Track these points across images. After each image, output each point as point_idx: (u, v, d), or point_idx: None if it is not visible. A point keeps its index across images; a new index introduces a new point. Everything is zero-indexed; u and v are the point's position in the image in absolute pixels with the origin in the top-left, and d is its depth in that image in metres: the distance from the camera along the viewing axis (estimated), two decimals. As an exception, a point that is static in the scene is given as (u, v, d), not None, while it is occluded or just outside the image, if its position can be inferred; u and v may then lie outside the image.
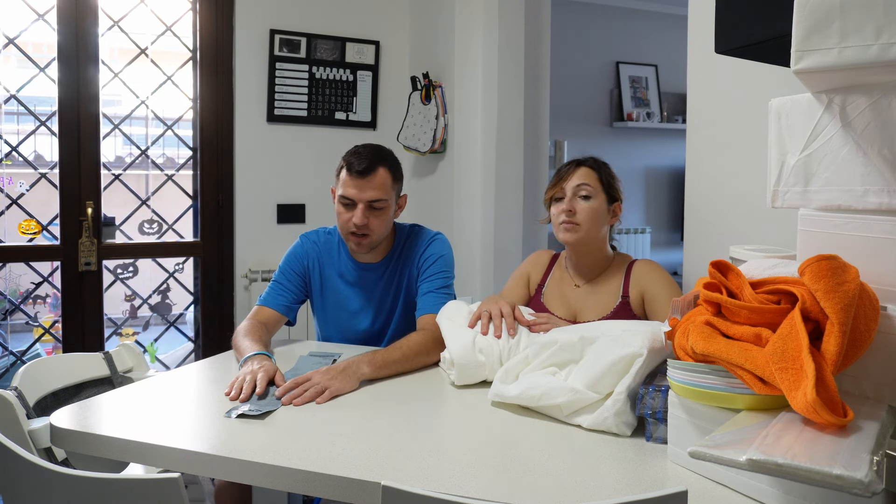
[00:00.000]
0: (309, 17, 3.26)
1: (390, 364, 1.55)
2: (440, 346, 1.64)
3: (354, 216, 1.74)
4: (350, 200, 1.75)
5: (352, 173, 1.74)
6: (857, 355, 0.91)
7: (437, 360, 1.66)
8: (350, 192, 1.74)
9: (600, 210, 1.72)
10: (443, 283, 1.84)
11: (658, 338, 1.24)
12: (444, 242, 1.93)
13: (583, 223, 1.70)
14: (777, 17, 1.03)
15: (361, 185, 1.74)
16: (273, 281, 1.90)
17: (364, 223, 1.74)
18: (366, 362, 1.51)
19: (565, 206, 1.70)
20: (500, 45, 2.82)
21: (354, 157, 1.76)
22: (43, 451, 1.41)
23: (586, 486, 1.01)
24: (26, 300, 3.33)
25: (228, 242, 3.20)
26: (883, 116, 0.95)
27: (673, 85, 4.69)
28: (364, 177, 1.74)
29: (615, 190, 1.76)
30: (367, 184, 1.74)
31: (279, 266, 1.92)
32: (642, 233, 4.62)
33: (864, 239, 0.99)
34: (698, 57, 1.89)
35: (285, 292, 1.87)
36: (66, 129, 2.88)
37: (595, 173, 1.73)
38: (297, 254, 1.93)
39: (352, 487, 1.04)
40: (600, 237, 1.75)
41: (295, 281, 1.89)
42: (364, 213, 1.74)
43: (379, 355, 1.54)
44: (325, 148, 3.31)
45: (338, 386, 1.41)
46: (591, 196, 1.71)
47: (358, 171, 1.73)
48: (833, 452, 0.77)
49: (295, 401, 1.35)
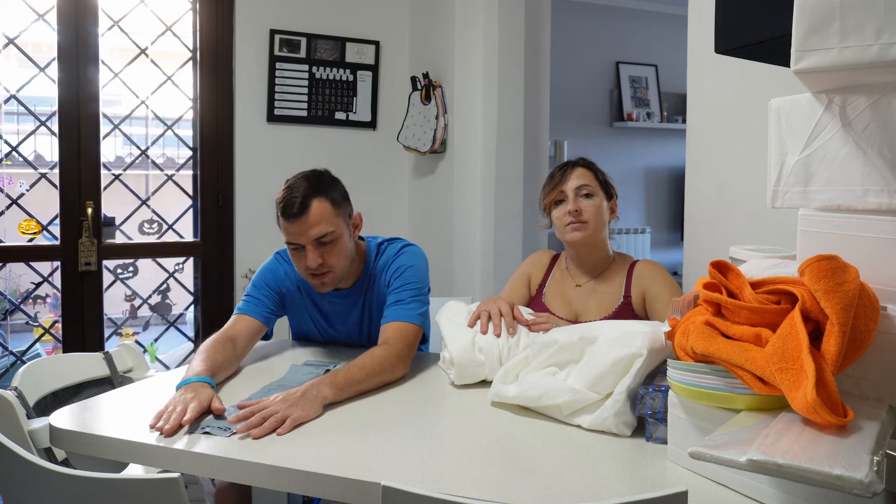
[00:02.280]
0: (309, 17, 3.26)
1: (353, 385, 1.44)
2: (404, 362, 1.58)
3: (307, 259, 1.62)
4: (296, 244, 1.63)
5: (287, 217, 1.61)
6: (857, 355, 0.91)
7: (401, 375, 1.58)
8: (293, 237, 1.62)
9: (603, 207, 1.75)
10: (411, 294, 1.71)
11: (658, 338, 1.24)
12: (415, 253, 1.81)
13: (590, 221, 1.72)
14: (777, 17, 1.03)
15: (300, 226, 1.60)
16: (247, 295, 1.79)
17: (319, 262, 1.62)
18: (327, 384, 1.39)
19: (570, 206, 1.71)
20: (500, 45, 2.82)
21: (285, 198, 1.62)
22: (43, 451, 1.41)
23: (586, 486, 1.01)
24: (26, 300, 3.33)
25: (228, 242, 3.20)
26: (883, 116, 0.94)
27: (673, 85, 4.69)
28: (300, 217, 1.59)
29: (610, 187, 1.81)
30: (306, 223, 1.60)
31: (253, 280, 1.82)
32: (642, 233, 4.62)
33: (864, 239, 0.99)
34: (698, 57, 1.89)
35: (261, 305, 1.77)
36: (66, 129, 2.88)
37: (591, 172, 1.77)
38: (271, 269, 1.83)
39: (352, 487, 1.04)
40: (603, 234, 1.77)
41: (270, 296, 1.79)
42: (315, 254, 1.62)
43: (341, 376, 1.43)
44: (325, 148, 3.31)
45: (299, 414, 1.27)
46: (593, 194, 1.74)
47: (293, 214, 1.59)
48: (833, 453, 0.77)
49: (252, 432, 1.21)
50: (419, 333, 1.68)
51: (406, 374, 1.60)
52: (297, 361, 1.73)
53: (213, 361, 1.51)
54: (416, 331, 1.66)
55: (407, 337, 1.63)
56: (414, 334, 1.65)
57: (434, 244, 3.10)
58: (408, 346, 1.62)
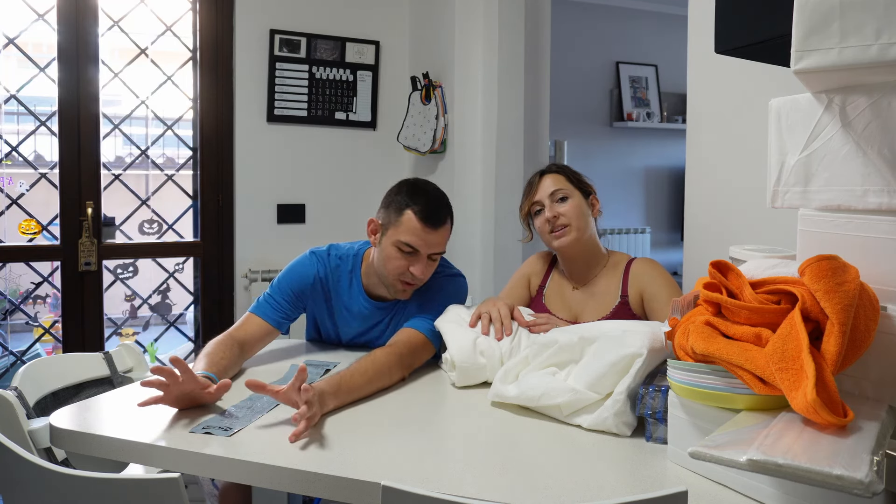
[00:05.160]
0: (309, 17, 3.26)
1: (354, 391, 1.40)
2: (401, 366, 1.55)
3: (415, 267, 1.61)
4: (414, 249, 1.61)
5: (426, 223, 1.59)
6: (857, 355, 0.91)
7: (398, 379, 1.55)
8: (417, 242, 1.60)
9: (582, 206, 1.73)
10: (435, 314, 1.69)
11: (658, 338, 1.24)
12: (459, 284, 1.80)
13: (571, 223, 1.70)
14: (777, 17, 1.03)
15: (434, 236, 1.61)
16: (268, 294, 1.74)
17: (425, 274, 1.63)
18: (331, 395, 1.33)
19: (548, 214, 1.71)
20: (500, 45, 2.81)
21: (424, 203, 1.61)
22: (43, 451, 1.41)
23: (586, 486, 1.01)
24: (26, 300, 3.33)
25: (228, 242, 3.20)
26: (883, 116, 0.94)
27: (673, 85, 4.69)
28: (438, 228, 1.61)
29: (585, 184, 1.79)
30: (437, 236, 1.62)
31: (279, 278, 1.76)
32: (642, 233, 4.62)
33: (864, 239, 0.99)
34: (698, 57, 1.89)
35: (279, 310, 1.72)
36: (66, 129, 2.88)
37: (561, 175, 1.76)
38: (301, 274, 1.76)
39: (352, 487, 1.04)
40: (590, 233, 1.75)
41: (291, 301, 1.74)
42: (426, 265, 1.63)
43: (344, 384, 1.38)
44: (325, 148, 3.31)
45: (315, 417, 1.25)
46: (568, 196, 1.72)
47: (432, 223, 1.59)
48: (833, 453, 0.77)
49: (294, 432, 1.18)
50: (427, 345, 1.65)
51: (404, 378, 1.57)
52: (298, 361, 1.73)
53: (217, 367, 1.48)
54: (424, 341, 1.64)
55: (412, 344, 1.61)
56: (421, 343, 1.63)
57: (434, 244, 3.10)
58: (410, 352, 1.59)
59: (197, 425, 1.25)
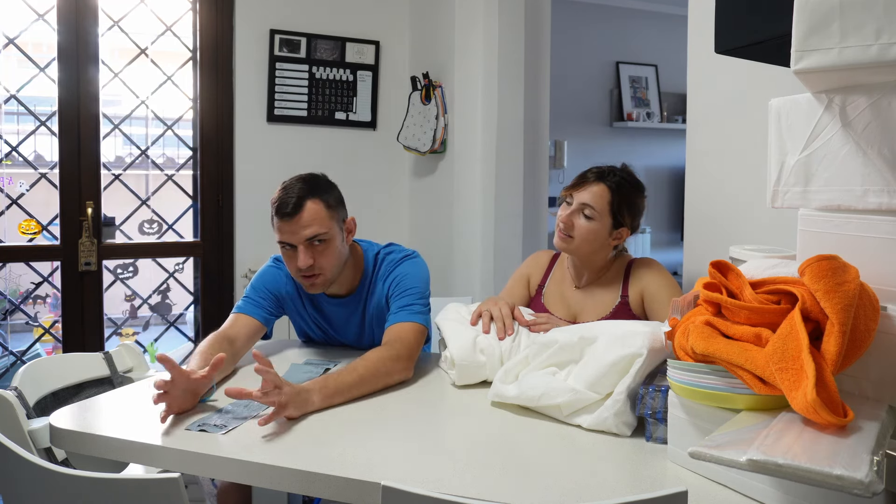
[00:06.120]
0: (309, 17, 3.26)
1: (343, 391, 1.41)
2: (403, 364, 1.55)
3: (298, 259, 1.62)
4: (289, 244, 1.63)
5: (281, 218, 1.61)
6: (857, 355, 0.91)
7: (403, 378, 1.55)
8: (285, 237, 1.62)
9: (599, 233, 1.67)
10: (412, 299, 1.70)
11: (658, 338, 1.24)
12: (416, 262, 1.79)
13: (576, 238, 1.67)
14: (777, 17, 1.03)
15: (293, 226, 1.61)
16: (246, 296, 1.77)
17: (310, 263, 1.62)
18: (317, 391, 1.36)
19: (564, 216, 1.69)
20: (500, 45, 2.81)
21: (277, 198, 1.63)
22: (43, 451, 1.41)
23: (586, 486, 1.01)
24: (26, 300, 3.33)
25: (228, 242, 3.20)
26: (883, 116, 0.94)
27: (673, 85, 4.69)
28: (293, 216, 1.60)
29: (623, 216, 1.68)
30: (299, 223, 1.60)
31: (252, 283, 1.81)
32: (642, 233, 4.61)
33: (864, 239, 0.99)
34: (698, 57, 1.89)
35: (260, 307, 1.75)
36: (66, 129, 2.88)
37: (609, 195, 1.66)
38: (273, 275, 1.81)
39: (352, 487, 1.04)
40: (593, 253, 1.71)
41: (269, 299, 1.78)
42: (307, 254, 1.62)
43: (332, 382, 1.40)
44: (325, 148, 3.30)
45: (290, 413, 1.29)
46: (594, 218, 1.66)
47: (286, 213, 1.60)
48: (833, 453, 0.77)
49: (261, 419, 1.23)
50: (423, 332, 1.66)
51: (410, 373, 1.58)
52: (298, 361, 1.74)
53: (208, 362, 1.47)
54: (419, 329, 1.65)
55: (407, 338, 1.61)
56: (416, 334, 1.63)
57: (434, 244, 3.10)
58: (408, 347, 1.59)
59: (192, 423, 1.26)
